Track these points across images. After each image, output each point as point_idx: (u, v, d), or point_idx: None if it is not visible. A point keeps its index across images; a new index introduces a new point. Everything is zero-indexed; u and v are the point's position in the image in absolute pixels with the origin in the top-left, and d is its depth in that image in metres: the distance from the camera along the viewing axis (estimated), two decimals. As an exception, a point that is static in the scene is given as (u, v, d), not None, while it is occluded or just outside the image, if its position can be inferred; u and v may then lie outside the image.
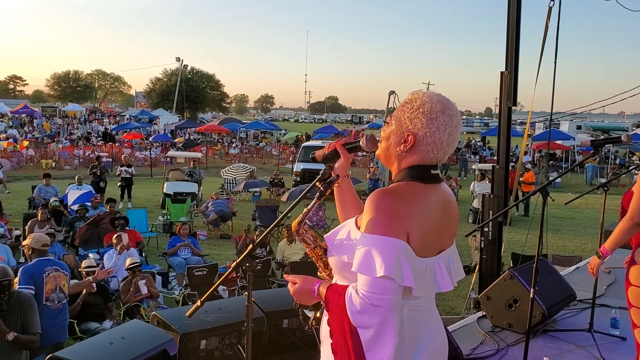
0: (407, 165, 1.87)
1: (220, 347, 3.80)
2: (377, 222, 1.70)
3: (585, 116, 52.94)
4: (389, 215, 1.71)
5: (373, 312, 1.66)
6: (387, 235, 1.68)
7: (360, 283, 1.69)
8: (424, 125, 1.82)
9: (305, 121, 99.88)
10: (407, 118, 1.84)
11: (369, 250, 1.68)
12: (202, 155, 29.03)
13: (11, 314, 4.28)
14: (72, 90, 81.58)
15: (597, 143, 3.61)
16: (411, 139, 1.84)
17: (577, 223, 16.66)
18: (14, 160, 27.21)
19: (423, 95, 1.86)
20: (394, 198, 1.75)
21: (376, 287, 1.66)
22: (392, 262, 1.65)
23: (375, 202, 1.73)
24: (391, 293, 1.66)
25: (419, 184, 1.83)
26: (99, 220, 10.58)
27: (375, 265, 1.65)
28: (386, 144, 1.92)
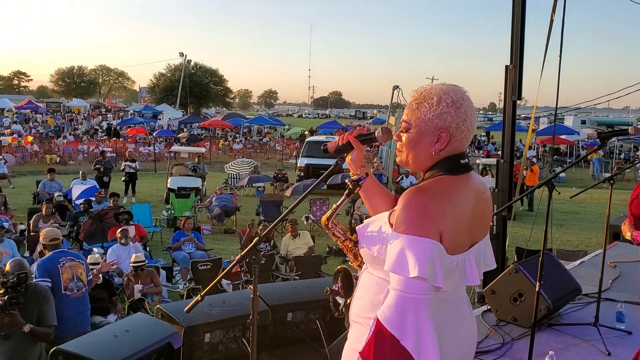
0: (437, 159, 1.85)
1: (224, 341, 3.79)
2: (411, 222, 1.69)
3: (590, 111, 52.75)
4: (422, 214, 1.70)
5: (408, 311, 1.66)
6: (421, 236, 1.67)
7: (394, 282, 1.69)
8: (454, 117, 1.80)
9: (309, 116, 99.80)
10: (434, 116, 1.80)
11: (402, 250, 1.68)
12: (206, 150, 29.04)
13: (27, 306, 4.31)
14: (76, 85, 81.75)
15: (604, 135, 3.58)
16: (445, 135, 1.81)
17: (581, 218, 16.62)
18: (18, 155, 27.28)
19: (435, 90, 1.82)
20: (427, 197, 1.74)
21: (410, 286, 1.66)
22: (425, 262, 1.65)
23: (408, 201, 1.72)
24: (425, 292, 1.67)
25: (449, 177, 1.82)
26: (103, 214, 10.60)
27: (408, 266, 1.66)
28: (415, 150, 1.87)
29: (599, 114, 57.69)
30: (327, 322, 4.37)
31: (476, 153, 33.70)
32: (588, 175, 27.29)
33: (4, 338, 4.18)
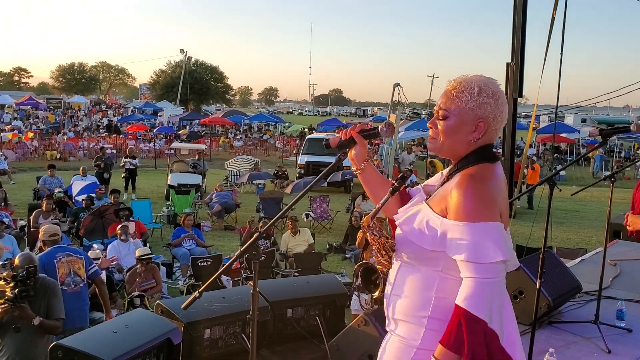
0: (473, 148, 1.90)
1: (224, 336, 3.78)
2: (478, 210, 1.75)
3: (591, 109, 52.66)
4: (486, 201, 1.78)
5: (493, 295, 1.74)
6: (490, 221, 1.75)
7: (471, 270, 1.74)
8: (493, 109, 1.86)
9: (309, 114, 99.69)
10: (474, 106, 1.85)
11: (478, 238, 1.72)
12: (206, 147, 29.02)
13: (36, 299, 4.36)
14: (77, 82, 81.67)
15: (606, 132, 3.58)
16: (483, 125, 1.87)
17: (581, 216, 16.61)
18: (18, 151, 27.28)
19: (476, 80, 1.87)
20: (483, 183, 1.81)
21: (490, 271, 1.73)
22: (502, 246, 1.73)
23: (469, 190, 1.77)
24: (501, 274, 1.76)
25: (490, 165, 1.89)
26: (103, 210, 10.61)
27: (489, 252, 1.72)
28: (453, 138, 1.90)
29: (599, 113, 57.63)
30: (327, 319, 4.37)
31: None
32: (588, 174, 27.28)
33: (15, 330, 4.25)
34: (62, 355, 3.17)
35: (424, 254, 1.86)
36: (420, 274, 1.89)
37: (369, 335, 3.53)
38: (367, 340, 3.54)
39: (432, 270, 1.86)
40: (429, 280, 1.87)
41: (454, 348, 1.72)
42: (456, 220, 1.76)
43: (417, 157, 31.19)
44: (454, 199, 1.78)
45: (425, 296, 1.86)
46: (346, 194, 18.36)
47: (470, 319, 1.70)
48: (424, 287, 1.87)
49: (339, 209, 15.07)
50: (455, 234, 1.76)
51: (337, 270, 9.60)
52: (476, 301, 1.71)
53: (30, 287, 4.23)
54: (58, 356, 3.17)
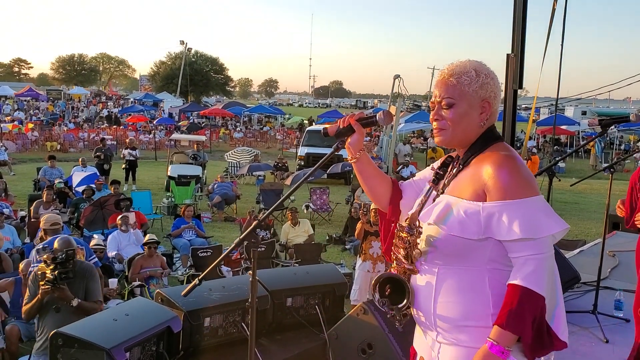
0: (482, 131, 1.90)
1: (224, 325, 3.81)
2: (523, 185, 1.74)
3: (591, 101, 52.58)
4: (527, 175, 1.77)
5: (550, 269, 1.74)
6: (537, 194, 1.75)
7: (527, 248, 1.71)
8: (493, 87, 1.88)
9: (309, 106, 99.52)
10: (477, 87, 1.85)
11: (531, 214, 1.71)
12: (206, 138, 29.00)
13: (75, 281, 4.56)
14: (77, 73, 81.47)
15: (605, 122, 3.58)
16: (488, 105, 1.88)
17: (581, 208, 16.62)
18: (19, 142, 27.26)
19: (469, 64, 1.88)
20: (517, 159, 1.81)
21: (545, 246, 1.72)
22: (554, 215, 1.74)
23: (508, 168, 1.76)
24: (552, 248, 1.75)
25: (502, 143, 1.90)
26: (103, 201, 10.62)
27: (543, 225, 1.71)
28: (464, 123, 1.87)
29: (599, 105, 57.52)
30: (326, 308, 4.39)
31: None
32: (588, 166, 27.28)
33: (55, 310, 4.46)
34: (62, 343, 3.19)
35: (469, 247, 1.78)
36: (467, 273, 1.82)
37: (368, 324, 3.55)
38: (366, 329, 3.56)
39: (478, 266, 1.80)
40: (478, 277, 1.81)
41: (514, 328, 1.68)
42: (502, 200, 1.73)
43: (417, 149, 31.20)
44: (494, 180, 1.75)
45: (482, 294, 1.80)
46: (346, 185, 18.38)
47: (531, 296, 1.67)
48: (476, 286, 1.80)
49: (339, 201, 15.08)
50: (504, 214, 1.71)
51: (337, 261, 9.62)
52: (536, 278, 1.69)
53: (69, 270, 4.45)
54: (58, 343, 3.19)
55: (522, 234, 1.68)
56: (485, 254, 1.79)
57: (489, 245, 1.77)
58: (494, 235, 1.74)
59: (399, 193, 2.13)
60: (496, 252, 1.78)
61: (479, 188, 1.79)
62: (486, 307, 1.79)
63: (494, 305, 1.77)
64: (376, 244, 7.20)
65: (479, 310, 1.79)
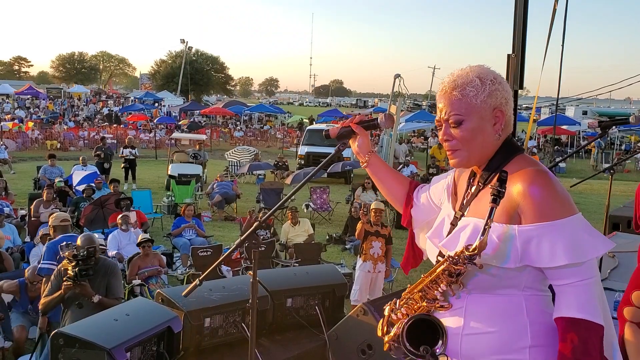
0: (500, 143, 1.70)
1: (224, 325, 3.82)
2: (562, 204, 1.56)
3: (592, 101, 52.58)
4: (563, 192, 1.58)
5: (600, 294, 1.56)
6: (576, 212, 1.57)
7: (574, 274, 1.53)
8: (502, 92, 1.68)
9: (309, 105, 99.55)
10: (485, 97, 1.64)
11: (574, 236, 1.53)
12: (207, 137, 29.00)
13: (97, 278, 4.65)
14: (77, 71, 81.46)
15: (605, 124, 3.58)
16: (501, 113, 1.67)
17: (581, 208, 16.18)
18: (19, 141, 27.27)
19: (471, 72, 1.68)
20: (548, 174, 1.61)
21: (591, 269, 1.55)
22: (598, 234, 1.56)
23: (543, 186, 1.57)
24: (598, 270, 1.58)
25: (524, 154, 1.72)
26: (104, 200, 10.62)
27: (588, 247, 1.53)
28: (479, 140, 1.67)
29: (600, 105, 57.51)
30: (326, 308, 4.40)
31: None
32: (588, 166, 27.29)
33: (77, 306, 4.57)
34: (63, 343, 3.19)
35: (503, 275, 1.60)
36: (501, 300, 1.63)
37: (368, 325, 3.55)
38: (366, 330, 3.57)
39: (514, 292, 1.62)
40: (514, 305, 1.62)
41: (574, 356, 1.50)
42: (540, 223, 1.54)
43: (418, 148, 31.22)
44: (528, 199, 1.56)
45: (519, 323, 1.60)
46: (346, 184, 18.38)
47: (590, 328, 1.50)
48: (513, 314, 1.61)
49: (339, 200, 15.08)
50: (545, 238, 1.53)
51: (337, 260, 9.62)
52: (592, 307, 1.52)
53: (90, 267, 4.55)
54: (59, 343, 3.19)
55: (568, 259, 1.51)
56: (522, 280, 1.61)
57: (525, 273, 1.60)
58: (534, 263, 1.56)
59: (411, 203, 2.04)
60: (533, 276, 1.61)
61: (510, 209, 1.59)
62: (524, 339, 1.59)
63: (533, 337, 1.59)
64: (377, 244, 7.20)
65: (515, 341, 1.60)
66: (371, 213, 7.39)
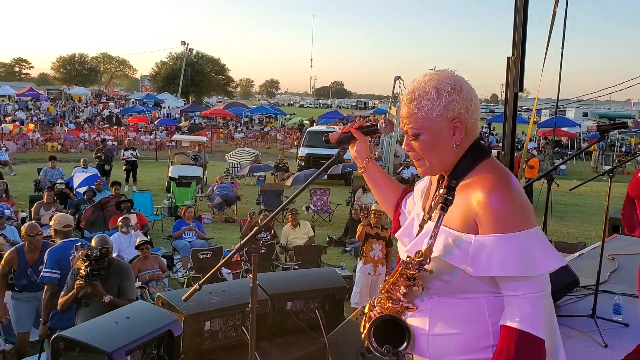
0: (463, 150, 1.69)
1: (224, 329, 3.82)
2: (518, 216, 1.55)
3: (592, 103, 52.54)
4: (521, 203, 1.58)
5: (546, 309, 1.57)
6: (533, 226, 1.56)
7: (521, 287, 1.55)
8: (461, 102, 1.64)
9: (310, 106, 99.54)
10: (441, 110, 1.62)
11: (526, 249, 1.53)
12: (207, 139, 29.01)
13: (109, 279, 4.70)
14: (78, 73, 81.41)
15: (604, 128, 3.58)
16: (460, 124, 1.65)
17: (581, 210, 16.63)
18: (19, 142, 27.27)
19: (428, 84, 1.65)
20: (510, 183, 1.60)
21: (541, 284, 1.56)
22: (552, 250, 1.56)
23: (500, 195, 1.56)
24: (549, 285, 1.59)
25: (491, 159, 1.70)
26: (104, 203, 10.62)
27: (540, 262, 1.54)
28: (436, 152, 1.68)
29: (600, 107, 57.47)
30: (326, 312, 4.40)
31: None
32: (589, 168, 27.29)
33: (84, 305, 4.66)
34: (63, 346, 3.20)
35: (463, 280, 1.62)
36: (463, 303, 1.66)
37: (368, 328, 3.55)
38: (365, 333, 3.57)
39: (476, 295, 1.65)
40: (476, 307, 1.65)
41: None
42: (494, 234, 1.54)
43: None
44: (485, 209, 1.56)
45: (482, 324, 1.64)
46: (346, 186, 18.39)
47: (529, 341, 1.53)
48: (475, 316, 1.65)
49: (339, 202, 15.09)
50: (497, 249, 1.54)
51: (337, 263, 9.64)
52: (534, 320, 1.54)
53: (101, 267, 4.60)
54: (60, 347, 3.20)
55: (517, 271, 1.53)
56: (482, 285, 1.63)
57: (486, 279, 1.62)
58: (480, 272, 1.57)
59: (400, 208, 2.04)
60: (493, 280, 1.62)
61: (469, 218, 1.60)
62: (487, 338, 1.63)
63: (495, 336, 1.62)
64: (377, 247, 7.21)
65: (479, 341, 1.64)
66: (371, 215, 7.40)
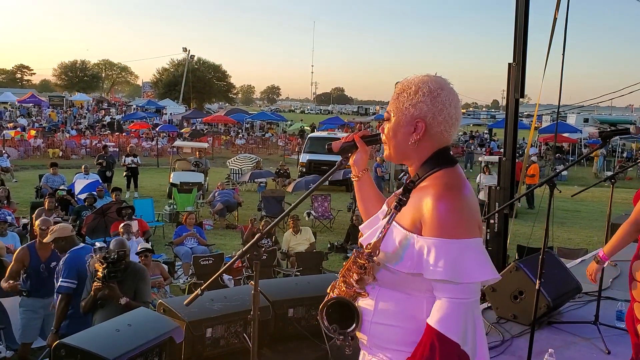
0: (427, 154, 1.78)
1: (226, 336, 3.80)
2: (458, 225, 1.62)
3: (593, 109, 52.61)
4: (465, 213, 1.64)
5: (467, 316, 1.63)
6: (473, 237, 1.63)
7: (447, 290, 1.62)
8: (430, 107, 1.75)
9: (311, 112, 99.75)
10: (410, 105, 1.75)
11: (459, 257, 1.60)
12: (209, 145, 29.05)
13: (126, 282, 4.76)
14: (79, 80, 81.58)
15: (605, 134, 3.58)
16: (421, 125, 1.75)
17: (582, 216, 16.61)
18: (21, 149, 27.32)
19: (415, 80, 1.78)
20: (459, 192, 1.68)
21: (467, 292, 1.62)
22: (486, 262, 1.63)
23: (445, 202, 1.63)
24: (477, 294, 1.65)
25: (453, 169, 1.76)
26: (105, 209, 10.63)
27: (469, 271, 1.60)
28: (395, 141, 1.81)
29: (601, 112, 57.53)
30: (328, 318, 4.38)
31: (479, 150, 33.72)
32: (590, 174, 27.26)
33: (99, 306, 4.72)
34: (65, 354, 3.18)
35: (405, 277, 1.71)
36: (405, 298, 1.74)
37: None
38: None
39: (418, 293, 1.72)
40: (416, 305, 1.73)
41: None
42: (434, 237, 1.62)
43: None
44: (430, 214, 1.64)
45: (419, 322, 1.70)
46: (347, 192, 18.38)
47: (442, 341, 1.59)
48: (414, 313, 1.73)
49: (341, 208, 15.09)
50: (433, 251, 1.62)
51: (339, 269, 9.61)
52: (450, 323, 1.60)
53: (118, 269, 4.66)
54: (61, 354, 3.19)
55: (446, 276, 1.59)
56: (423, 284, 1.69)
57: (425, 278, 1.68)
58: (415, 268, 1.66)
59: None
60: None
61: (416, 219, 1.69)
62: (418, 335, 1.69)
63: None
64: (378, 253, 7.19)
65: (412, 337, 1.71)
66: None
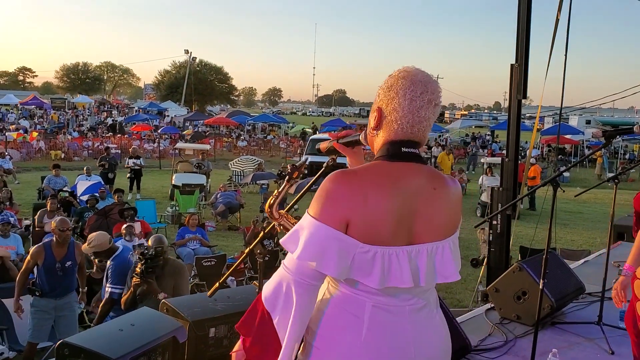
0: (379, 145, 1.76)
1: (229, 335, 3.81)
2: (316, 203, 1.63)
3: (595, 111, 52.53)
4: (329, 198, 1.60)
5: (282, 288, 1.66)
6: (319, 220, 1.59)
7: (287, 258, 1.67)
8: (383, 96, 1.74)
9: (313, 114, 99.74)
10: (376, 95, 1.78)
11: (299, 229, 1.64)
12: (211, 147, 29.06)
13: (164, 278, 4.84)
14: (81, 82, 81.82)
15: (609, 134, 3.58)
16: (378, 113, 1.75)
17: (585, 217, 16.58)
18: (23, 151, 27.35)
19: (400, 72, 1.75)
20: (343, 181, 1.61)
21: (291, 265, 1.64)
22: (312, 246, 1.58)
23: (324, 182, 1.64)
24: (308, 277, 1.62)
25: (384, 163, 1.68)
26: (108, 210, 10.64)
27: (294, 244, 1.63)
28: (367, 130, 1.85)
29: (603, 114, 57.42)
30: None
31: (481, 152, 33.71)
32: (592, 175, 27.22)
33: (138, 301, 4.81)
34: (68, 353, 3.19)
35: None
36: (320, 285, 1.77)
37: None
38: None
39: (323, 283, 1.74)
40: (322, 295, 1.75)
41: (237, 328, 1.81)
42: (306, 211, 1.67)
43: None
44: None
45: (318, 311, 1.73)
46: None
47: (259, 300, 1.72)
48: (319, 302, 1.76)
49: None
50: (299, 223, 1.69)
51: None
52: (267, 285, 1.70)
53: (156, 265, 4.75)
54: (65, 354, 3.19)
55: (283, 239, 1.67)
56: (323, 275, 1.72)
57: None
58: None
59: None
60: None
61: None
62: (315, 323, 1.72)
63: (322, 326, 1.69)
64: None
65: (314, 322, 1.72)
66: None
